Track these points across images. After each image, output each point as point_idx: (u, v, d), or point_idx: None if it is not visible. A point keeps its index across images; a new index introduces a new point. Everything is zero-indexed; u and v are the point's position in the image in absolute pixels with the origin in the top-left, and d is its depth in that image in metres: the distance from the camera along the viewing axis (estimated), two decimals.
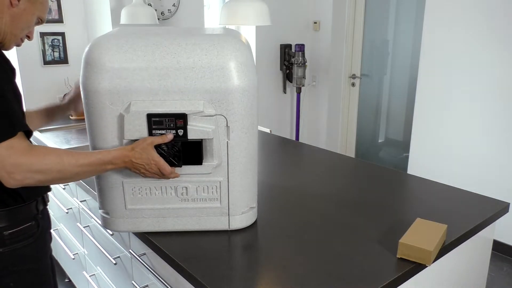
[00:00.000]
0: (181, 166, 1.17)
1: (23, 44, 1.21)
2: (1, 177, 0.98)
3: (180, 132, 1.13)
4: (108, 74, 1.10)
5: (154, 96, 1.12)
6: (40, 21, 1.20)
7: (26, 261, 1.19)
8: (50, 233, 1.34)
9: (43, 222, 1.26)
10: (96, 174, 1.15)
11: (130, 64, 1.10)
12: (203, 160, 1.18)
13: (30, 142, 1.06)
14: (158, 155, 1.11)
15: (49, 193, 1.32)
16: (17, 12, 1.11)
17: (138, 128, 1.12)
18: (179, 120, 1.12)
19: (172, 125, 1.12)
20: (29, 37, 1.22)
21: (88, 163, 1.07)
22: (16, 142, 0.99)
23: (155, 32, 1.20)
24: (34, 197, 1.21)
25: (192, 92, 1.12)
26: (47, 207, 1.31)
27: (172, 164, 1.14)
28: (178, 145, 1.14)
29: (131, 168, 1.12)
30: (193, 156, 1.16)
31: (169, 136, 1.12)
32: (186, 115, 1.12)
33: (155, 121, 1.12)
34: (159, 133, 1.13)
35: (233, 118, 1.15)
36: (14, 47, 1.21)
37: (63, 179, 1.07)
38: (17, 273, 1.18)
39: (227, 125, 1.16)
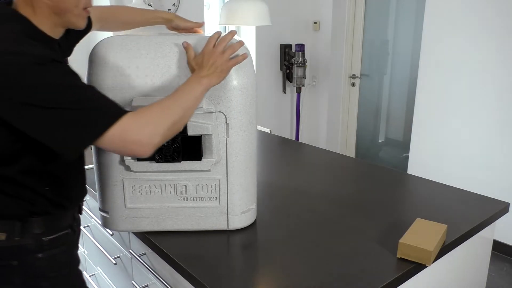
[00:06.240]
0: (180, 161, 1.18)
1: None
2: (133, 150, 0.97)
3: None
4: (112, 72, 1.12)
5: (155, 92, 1.14)
6: None
7: (62, 267, 1.19)
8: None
9: (77, 229, 1.25)
10: (195, 101, 1.07)
11: (133, 61, 1.13)
12: (203, 157, 1.19)
13: None
14: (209, 49, 1.10)
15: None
16: None
17: None
18: None
19: None
20: None
21: (181, 92, 1.04)
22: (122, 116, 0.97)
23: (159, 34, 1.24)
24: (73, 205, 1.19)
25: None
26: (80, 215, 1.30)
27: (172, 159, 1.16)
28: (178, 140, 1.15)
29: (213, 74, 1.08)
30: (192, 151, 1.18)
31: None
32: None
33: None
34: None
35: (232, 115, 1.17)
36: None
37: (177, 122, 1.02)
38: (53, 278, 1.17)
39: (226, 122, 1.18)
